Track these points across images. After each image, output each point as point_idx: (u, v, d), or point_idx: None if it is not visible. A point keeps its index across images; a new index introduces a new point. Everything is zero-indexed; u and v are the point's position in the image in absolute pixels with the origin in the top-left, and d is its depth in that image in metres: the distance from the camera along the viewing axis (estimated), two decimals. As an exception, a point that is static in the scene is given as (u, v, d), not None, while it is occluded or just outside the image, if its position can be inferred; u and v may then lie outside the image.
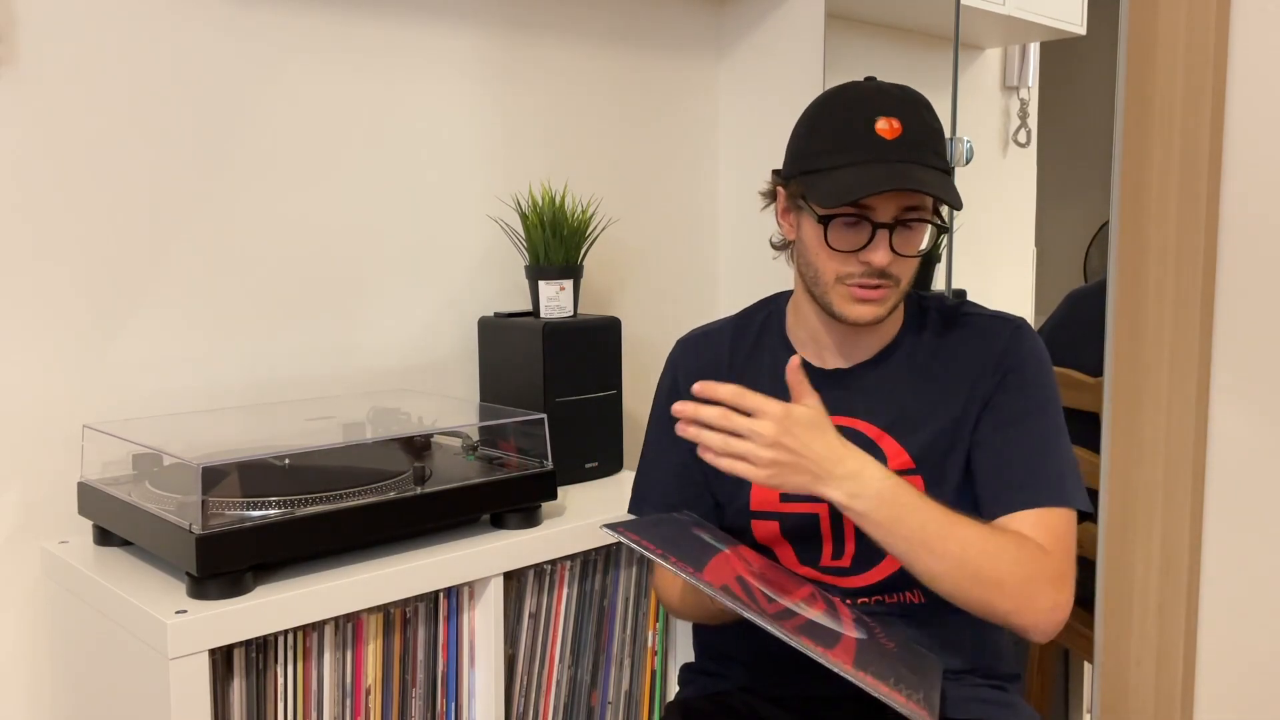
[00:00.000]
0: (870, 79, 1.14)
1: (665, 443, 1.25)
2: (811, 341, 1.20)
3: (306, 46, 1.51)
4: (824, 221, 1.09)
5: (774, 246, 1.21)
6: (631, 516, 1.24)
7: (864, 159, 1.06)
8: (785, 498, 1.16)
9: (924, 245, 1.11)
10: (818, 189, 1.08)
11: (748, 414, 1.01)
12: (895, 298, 1.11)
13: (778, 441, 0.99)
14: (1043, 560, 1.05)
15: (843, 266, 1.09)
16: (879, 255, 1.07)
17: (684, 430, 1.02)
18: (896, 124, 1.07)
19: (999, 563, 1.03)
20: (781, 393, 1.19)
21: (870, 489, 1.01)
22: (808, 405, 1.03)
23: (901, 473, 1.12)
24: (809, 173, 1.10)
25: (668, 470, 1.25)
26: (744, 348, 1.24)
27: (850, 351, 1.18)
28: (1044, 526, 1.08)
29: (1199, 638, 1.51)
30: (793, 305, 1.22)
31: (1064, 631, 1.74)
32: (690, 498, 1.22)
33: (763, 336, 1.24)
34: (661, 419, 1.27)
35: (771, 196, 1.20)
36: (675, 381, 1.26)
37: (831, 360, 1.19)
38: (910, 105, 1.10)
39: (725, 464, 1.00)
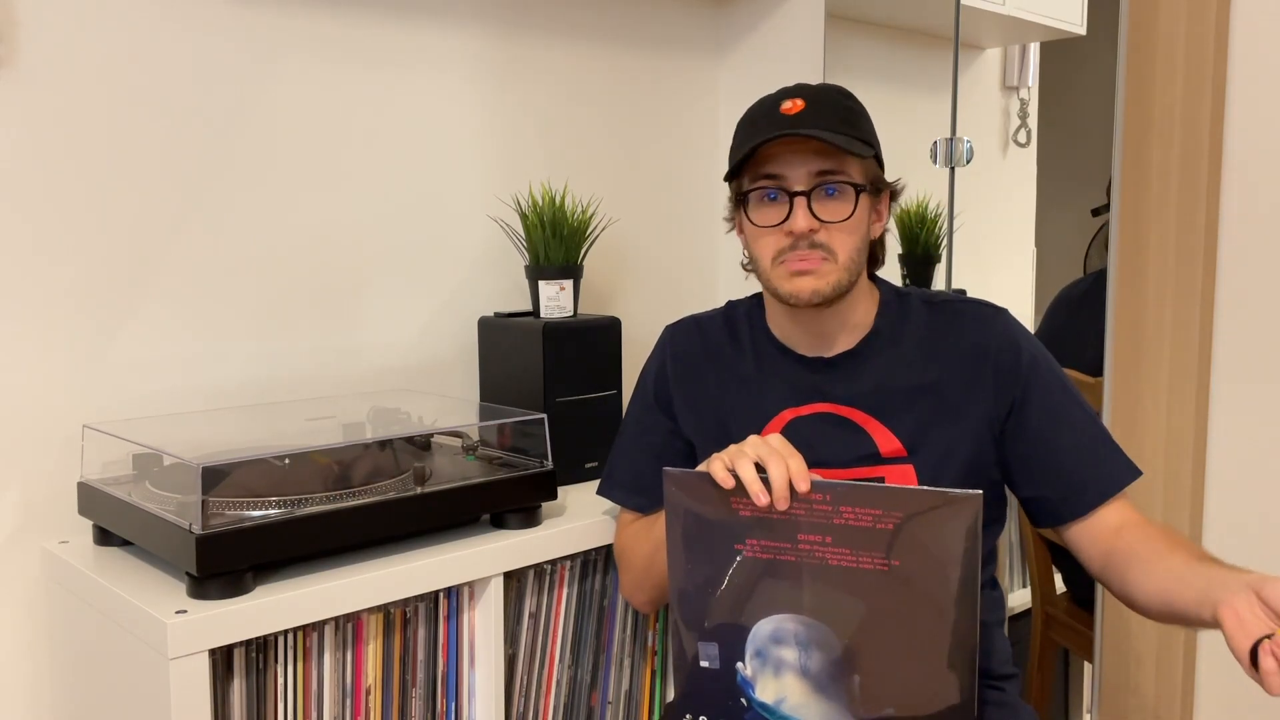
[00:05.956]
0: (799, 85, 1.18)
1: (646, 422, 1.29)
2: (788, 332, 1.22)
3: (307, 47, 1.51)
4: (743, 201, 1.14)
5: (743, 267, 1.23)
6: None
7: (768, 134, 1.10)
8: None
9: (852, 212, 1.11)
10: (728, 169, 1.14)
11: None
12: (836, 273, 1.12)
13: None
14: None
15: (773, 242, 1.12)
16: (799, 221, 1.09)
17: None
18: (800, 102, 1.11)
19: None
20: (764, 377, 1.20)
21: None
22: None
23: (893, 460, 1.14)
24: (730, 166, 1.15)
25: (645, 450, 1.27)
26: (729, 335, 1.27)
27: (825, 342, 1.20)
28: (1126, 505, 1.13)
29: (1199, 638, 1.51)
30: (767, 302, 1.25)
31: (1064, 631, 1.75)
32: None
33: (747, 325, 1.26)
34: (645, 399, 1.29)
35: (730, 218, 1.23)
36: (664, 364, 1.28)
37: (812, 350, 1.20)
38: (821, 91, 1.14)
39: None
